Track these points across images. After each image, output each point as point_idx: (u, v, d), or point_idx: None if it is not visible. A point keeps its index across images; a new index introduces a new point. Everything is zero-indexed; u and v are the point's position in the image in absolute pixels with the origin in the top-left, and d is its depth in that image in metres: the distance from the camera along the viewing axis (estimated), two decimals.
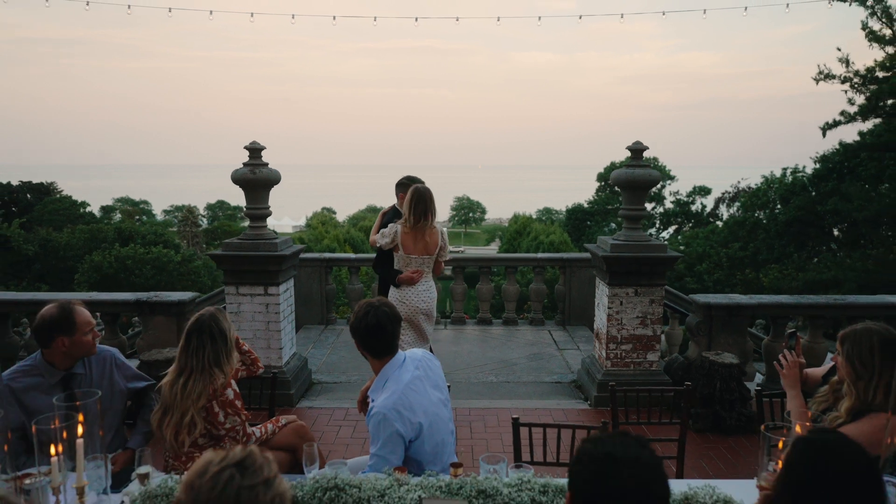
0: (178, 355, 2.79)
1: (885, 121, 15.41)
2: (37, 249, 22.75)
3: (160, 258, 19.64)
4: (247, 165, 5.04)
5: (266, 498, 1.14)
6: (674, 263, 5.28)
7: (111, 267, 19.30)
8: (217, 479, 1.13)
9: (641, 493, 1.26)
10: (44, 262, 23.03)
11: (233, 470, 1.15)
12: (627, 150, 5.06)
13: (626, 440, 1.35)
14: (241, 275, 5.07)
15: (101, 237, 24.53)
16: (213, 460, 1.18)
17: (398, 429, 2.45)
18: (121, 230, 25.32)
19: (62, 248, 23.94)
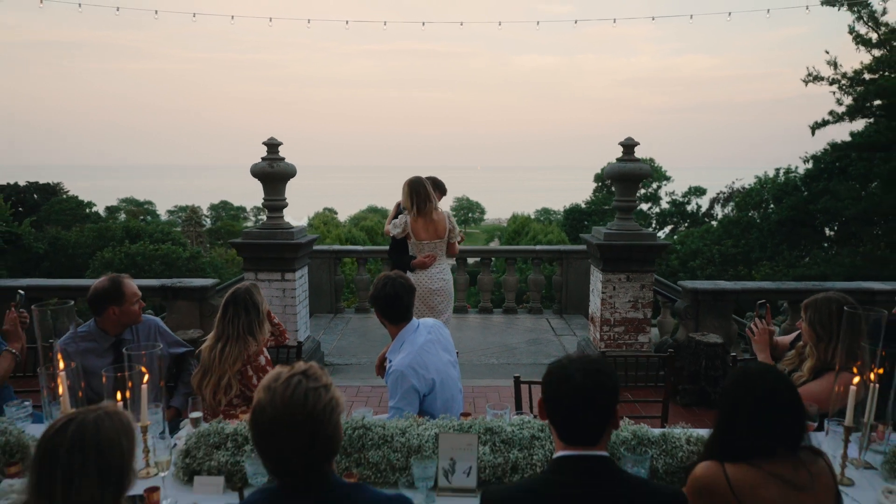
0: (216, 324, 3.10)
1: (874, 121, 15.76)
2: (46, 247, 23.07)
3: (169, 255, 20.02)
4: (265, 160, 5.35)
5: (325, 398, 1.45)
6: (662, 251, 5.59)
7: (121, 263, 19.62)
8: (289, 382, 1.44)
9: (594, 391, 1.57)
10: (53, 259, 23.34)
11: (300, 376, 1.45)
12: (619, 145, 5.38)
13: (584, 355, 1.67)
14: (259, 262, 5.37)
15: (108, 235, 24.85)
16: (283, 370, 1.48)
17: (414, 384, 2.77)
18: (128, 229, 25.68)
19: (71, 247, 24.25)
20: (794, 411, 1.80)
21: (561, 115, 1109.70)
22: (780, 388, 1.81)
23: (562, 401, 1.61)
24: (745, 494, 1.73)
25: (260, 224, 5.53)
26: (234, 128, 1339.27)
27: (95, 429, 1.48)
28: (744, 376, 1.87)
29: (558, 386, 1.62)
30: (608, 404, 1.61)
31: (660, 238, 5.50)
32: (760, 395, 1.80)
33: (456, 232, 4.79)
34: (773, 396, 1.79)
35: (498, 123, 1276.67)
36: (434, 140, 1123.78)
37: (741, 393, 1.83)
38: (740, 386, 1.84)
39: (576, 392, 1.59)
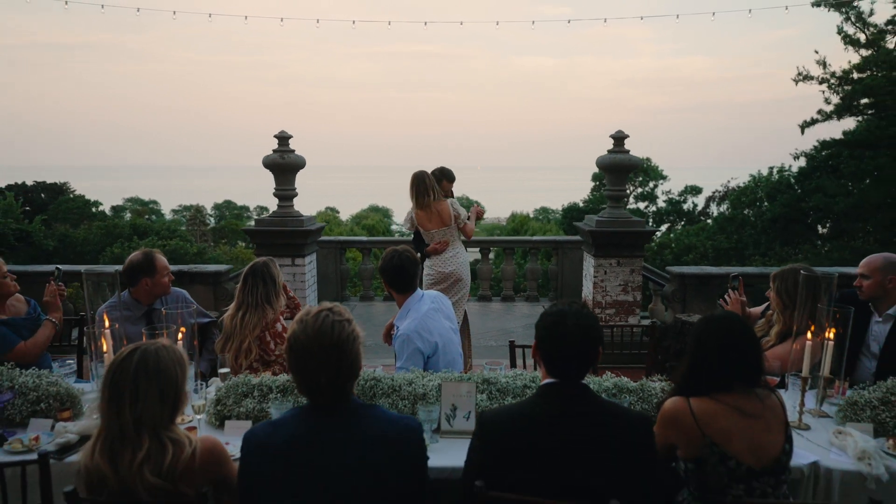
0: (236, 294, 3.37)
1: (865, 120, 16.03)
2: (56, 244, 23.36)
3: (177, 250, 20.30)
4: (276, 151, 5.62)
5: (348, 329, 1.71)
6: (650, 237, 5.87)
7: None
8: (318, 316, 1.70)
9: (583, 337, 1.83)
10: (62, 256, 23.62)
11: (328, 311, 1.72)
12: (611, 137, 5.64)
13: (573, 304, 1.93)
14: (271, 247, 5.64)
15: (116, 233, 25.14)
16: (312, 307, 1.75)
17: (418, 346, 3.03)
18: (135, 226, 25.99)
19: (79, 244, 24.53)
20: (752, 351, 2.07)
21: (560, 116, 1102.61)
22: (740, 331, 2.08)
23: (554, 341, 1.87)
24: (706, 422, 1.99)
25: (272, 212, 5.80)
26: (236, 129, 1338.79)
27: (156, 357, 1.76)
28: (711, 321, 2.13)
29: (552, 328, 1.88)
30: (592, 346, 1.87)
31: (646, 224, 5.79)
32: (724, 336, 2.06)
33: (462, 217, 4.95)
34: (734, 338, 2.06)
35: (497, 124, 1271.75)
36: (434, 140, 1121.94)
37: (708, 335, 2.09)
38: (707, 329, 2.11)
39: (566, 334, 1.85)
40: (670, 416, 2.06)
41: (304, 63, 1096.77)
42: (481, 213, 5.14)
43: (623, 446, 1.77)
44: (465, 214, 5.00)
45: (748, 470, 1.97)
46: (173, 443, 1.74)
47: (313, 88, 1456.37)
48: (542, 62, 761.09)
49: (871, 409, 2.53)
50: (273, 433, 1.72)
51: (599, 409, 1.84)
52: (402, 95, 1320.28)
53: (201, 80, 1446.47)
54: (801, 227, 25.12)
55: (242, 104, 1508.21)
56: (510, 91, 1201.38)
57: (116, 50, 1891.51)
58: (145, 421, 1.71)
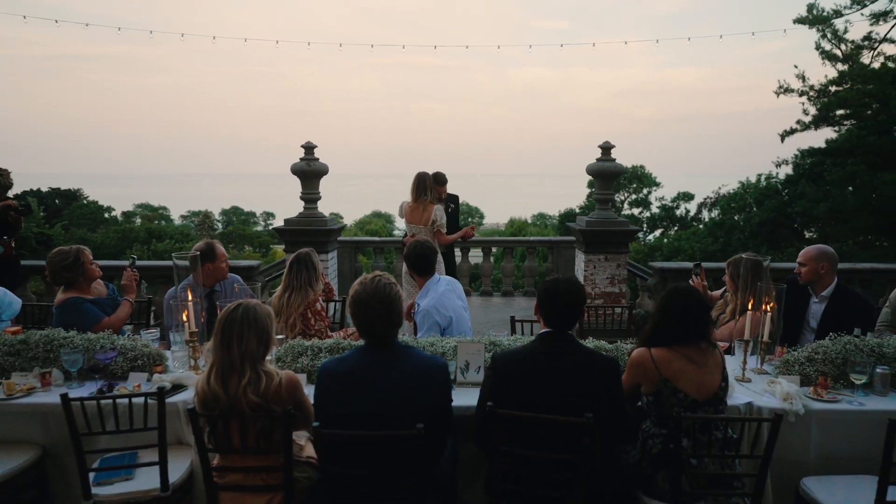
0: (284, 278, 3.96)
1: (846, 129, 16.65)
2: None
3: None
4: (303, 160, 6.22)
5: (395, 290, 2.31)
6: (633, 235, 6.45)
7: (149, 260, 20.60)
8: (373, 279, 2.30)
9: (571, 298, 2.42)
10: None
11: (379, 276, 2.32)
12: (599, 147, 6.24)
13: (567, 277, 2.52)
14: (297, 244, 6.18)
15: (132, 237, 25.75)
16: (368, 274, 2.35)
17: (436, 319, 3.62)
18: (151, 230, 26.61)
19: (97, 248, 25.12)
20: (702, 315, 2.65)
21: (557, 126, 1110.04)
22: (694, 300, 2.67)
23: (550, 299, 2.47)
24: (662, 365, 2.58)
25: (298, 214, 6.39)
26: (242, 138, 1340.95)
27: (254, 311, 2.35)
28: (673, 292, 2.72)
29: (549, 290, 2.48)
30: (577, 305, 2.47)
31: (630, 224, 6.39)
32: (681, 302, 2.65)
33: (439, 223, 5.44)
34: (689, 304, 2.64)
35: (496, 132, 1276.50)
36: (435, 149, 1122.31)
37: (670, 301, 2.68)
38: (670, 297, 2.69)
39: (558, 294, 2.44)
40: (636, 360, 2.65)
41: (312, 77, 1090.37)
42: (469, 234, 5.65)
43: (595, 375, 2.36)
44: (440, 223, 5.45)
45: (693, 401, 2.55)
46: (266, 374, 2.33)
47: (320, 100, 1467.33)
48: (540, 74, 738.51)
49: (799, 366, 3.12)
50: (339, 364, 2.31)
51: (580, 350, 2.44)
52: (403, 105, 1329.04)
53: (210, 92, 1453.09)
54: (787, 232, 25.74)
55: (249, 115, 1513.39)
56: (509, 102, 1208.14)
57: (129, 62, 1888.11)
58: (247, 356, 2.30)
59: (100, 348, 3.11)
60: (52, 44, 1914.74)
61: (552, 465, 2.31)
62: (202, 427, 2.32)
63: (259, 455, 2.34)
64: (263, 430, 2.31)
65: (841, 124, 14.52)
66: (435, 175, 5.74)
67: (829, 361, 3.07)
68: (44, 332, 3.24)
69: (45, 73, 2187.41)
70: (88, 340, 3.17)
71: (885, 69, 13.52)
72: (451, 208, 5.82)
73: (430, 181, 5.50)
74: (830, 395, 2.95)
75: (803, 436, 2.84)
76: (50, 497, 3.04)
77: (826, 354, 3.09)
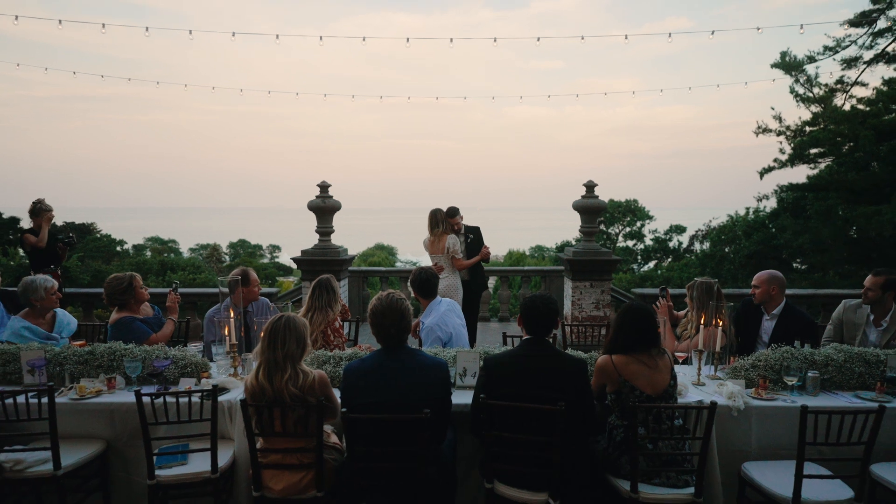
0: (307, 299, 4.50)
1: (828, 166, 17.39)
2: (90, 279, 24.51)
3: (206, 283, 21.50)
4: (318, 197, 6.82)
5: (405, 304, 2.85)
6: (616, 264, 7.00)
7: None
8: (388, 295, 2.85)
9: (546, 310, 2.96)
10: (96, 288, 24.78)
11: (392, 293, 2.86)
12: (583, 186, 6.85)
13: (542, 294, 3.07)
14: (314, 273, 6.75)
15: (145, 269, 26.33)
16: (383, 292, 2.89)
17: (439, 334, 4.15)
18: (164, 262, 27.24)
19: None
20: (651, 327, 3.18)
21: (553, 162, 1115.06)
22: (644, 313, 3.20)
23: (530, 313, 3.01)
24: (621, 369, 3.09)
25: (314, 245, 6.96)
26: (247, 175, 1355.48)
27: (294, 320, 2.89)
28: (628, 309, 3.26)
29: (529, 305, 3.02)
30: (552, 317, 3.00)
31: (613, 254, 6.94)
32: (634, 318, 3.18)
33: (452, 251, 6.13)
34: (641, 319, 3.17)
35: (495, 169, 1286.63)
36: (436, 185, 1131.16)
37: (625, 316, 3.21)
38: (625, 312, 3.23)
39: (537, 308, 2.98)
40: (600, 365, 3.17)
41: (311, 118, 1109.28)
42: (486, 254, 6.29)
43: (567, 373, 2.88)
44: (453, 250, 6.13)
45: (647, 396, 3.06)
46: (303, 371, 2.86)
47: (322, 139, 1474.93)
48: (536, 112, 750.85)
49: (745, 371, 3.63)
50: (361, 364, 2.84)
51: (555, 353, 2.97)
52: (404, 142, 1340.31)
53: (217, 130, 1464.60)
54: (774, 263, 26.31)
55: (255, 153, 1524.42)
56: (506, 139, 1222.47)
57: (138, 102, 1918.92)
58: (288, 356, 2.83)
59: (156, 357, 3.64)
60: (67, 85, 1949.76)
61: (534, 446, 2.82)
62: (251, 415, 2.84)
63: (296, 438, 2.85)
64: (300, 418, 2.83)
65: (815, 162, 15.24)
66: (447, 210, 6.34)
67: (769, 367, 3.58)
68: (107, 345, 3.77)
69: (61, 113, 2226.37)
70: (145, 351, 3.70)
71: (855, 111, 14.29)
72: (471, 238, 6.39)
73: (442, 215, 6.13)
74: (769, 394, 3.46)
75: (745, 428, 3.34)
76: (111, 484, 3.52)
77: (766, 362, 3.60)
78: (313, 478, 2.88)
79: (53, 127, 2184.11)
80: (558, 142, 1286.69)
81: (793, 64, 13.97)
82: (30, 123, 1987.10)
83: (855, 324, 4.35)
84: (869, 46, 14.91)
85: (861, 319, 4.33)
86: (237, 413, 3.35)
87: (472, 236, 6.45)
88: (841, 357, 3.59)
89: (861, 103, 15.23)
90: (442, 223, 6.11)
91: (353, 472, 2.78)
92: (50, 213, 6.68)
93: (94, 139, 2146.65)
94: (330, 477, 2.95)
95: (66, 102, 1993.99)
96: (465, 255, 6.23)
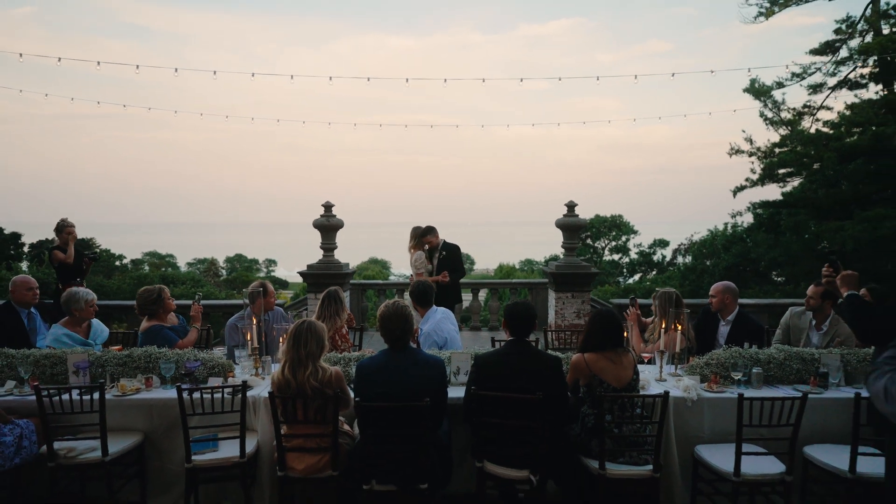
0: (317, 309, 4.95)
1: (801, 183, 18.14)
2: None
3: (209, 296, 21.85)
4: (323, 216, 7.30)
5: (408, 310, 3.32)
6: (595, 277, 7.51)
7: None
8: (394, 302, 3.31)
9: (526, 314, 3.44)
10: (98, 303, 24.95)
11: (398, 300, 3.33)
12: (565, 205, 7.37)
13: (523, 301, 3.55)
14: (320, 286, 7.22)
15: (146, 282, 26.64)
16: (390, 300, 3.36)
17: (435, 339, 4.60)
18: (164, 277, 27.48)
19: (113, 293, 25.89)
20: (617, 328, 3.66)
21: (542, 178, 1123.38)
22: (611, 319, 3.68)
23: (512, 318, 3.48)
24: (592, 365, 3.56)
25: (318, 260, 7.42)
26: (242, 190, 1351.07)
27: (314, 324, 3.35)
28: (598, 313, 3.74)
29: (511, 312, 3.49)
30: (531, 319, 3.48)
31: (591, 267, 7.42)
32: (603, 320, 3.66)
33: (413, 265, 6.69)
34: (608, 322, 3.66)
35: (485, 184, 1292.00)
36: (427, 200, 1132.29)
37: (595, 320, 3.69)
38: (595, 317, 3.71)
39: (518, 313, 3.46)
40: (574, 363, 3.64)
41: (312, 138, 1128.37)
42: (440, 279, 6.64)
43: (544, 369, 3.35)
44: (414, 264, 6.67)
45: (614, 388, 3.53)
46: (322, 368, 3.31)
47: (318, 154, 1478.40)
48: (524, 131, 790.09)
49: (700, 368, 4.12)
50: (371, 360, 3.30)
51: (535, 352, 3.44)
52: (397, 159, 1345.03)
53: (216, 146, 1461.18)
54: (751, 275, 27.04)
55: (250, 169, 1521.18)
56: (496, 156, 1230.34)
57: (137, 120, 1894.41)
58: (310, 355, 3.28)
59: (187, 359, 4.07)
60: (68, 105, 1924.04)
61: (517, 430, 3.27)
62: (277, 405, 3.28)
63: (315, 425, 3.29)
64: (319, 407, 3.27)
65: (784, 181, 15.94)
66: (425, 228, 6.80)
67: (720, 365, 4.07)
68: (143, 349, 4.19)
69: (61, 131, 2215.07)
70: (178, 354, 4.13)
71: (820, 134, 15.02)
72: (443, 255, 6.81)
73: (417, 232, 6.63)
74: (719, 388, 3.94)
75: (699, 417, 3.81)
76: (147, 472, 3.93)
77: (718, 360, 4.09)
78: (330, 459, 3.31)
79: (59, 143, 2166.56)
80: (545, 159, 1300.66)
81: (761, 90, 14.71)
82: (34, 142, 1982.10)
83: (800, 328, 4.86)
84: (832, 73, 15.71)
85: (805, 324, 4.84)
86: (260, 407, 3.78)
87: (445, 253, 6.79)
88: (781, 356, 4.09)
89: (826, 126, 15.99)
90: (413, 239, 6.60)
91: (365, 453, 3.22)
92: (71, 228, 7.06)
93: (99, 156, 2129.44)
94: (344, 458, 3.39)
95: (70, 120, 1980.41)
96: (435, 270, 6.66)
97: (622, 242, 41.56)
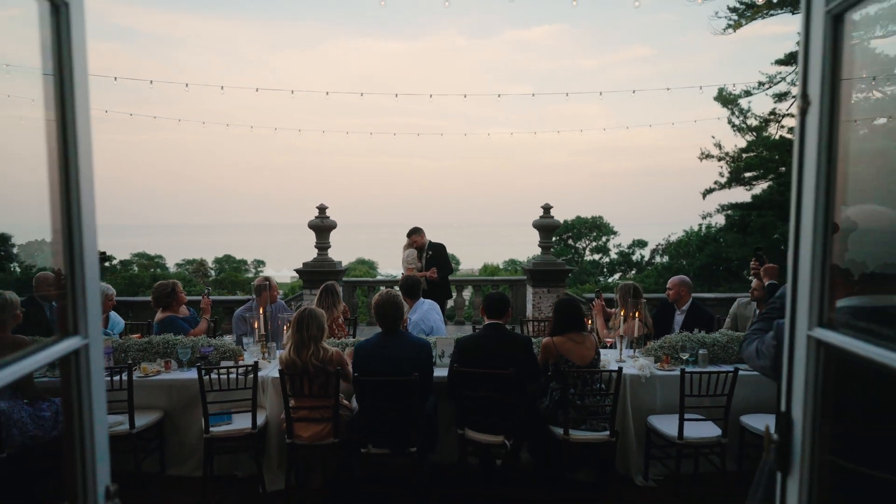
0: (315, 301, 5.39)
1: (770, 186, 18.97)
2: None
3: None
4: (318, 217, 7.73)
5: (399, 298, 3.79)
6: (568, 273, 8.03)
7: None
8: (387, 291, 3.78)
9: (500, 301, 3.93)
10: None
11: (390, 289, 3.80)
12: (541, 207, 7.88)
13: (498, 291, 4.04)
14: (315, 283, 7.66)
15: (138, 282, 26.70)
16: (382, 289, 3.82)
17: (422, 328, 5.07)
18: (155, 277, 27.65)
19: None
20: (578, 312, 4.16)
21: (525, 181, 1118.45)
22: (573, 304, 4.19)
23: (488, 303, 3.97)
24: (559, 346, 4.06)
25: (313, 259, 7.85)
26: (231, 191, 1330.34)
27: (315, 311, 3.80)
28: (561, 301, 4.24)
29: (487, 300, 3.98)
30: (505, 306, 3.97)
31: (565, 264, 7.92)
32: (565, 306, 4.16)
33: (403, 261, 7.15)
34: (570, 307, 4.16)
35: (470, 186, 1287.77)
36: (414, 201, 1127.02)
37: (560, 306, 4.19)
38: (559, 304, 4.21)
39: (492, 300, 3.95)
40: (544, 345, 4.14)
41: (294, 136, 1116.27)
42: (429, 275, 7.13)
43: (516, 347, 3.85)
44: (405, 261, 7.15)
45: (577, 366, 4.03)
46: (323, 348, 3.76)
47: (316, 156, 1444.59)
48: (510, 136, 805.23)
49: (654, 351, 4.64)
50: (367, 342, 3.76)
51: (509, 333, 3.93)
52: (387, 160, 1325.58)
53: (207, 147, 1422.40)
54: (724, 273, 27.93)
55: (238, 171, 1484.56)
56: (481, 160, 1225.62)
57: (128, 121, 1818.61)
58: (312, 337, 3.73)
59: (202, 345, 4.50)
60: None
61: (493, 401, 3.76)
62: (286, 381, 3.73)
63: (319, 398, 3.75)
64: (322, 383, 3.73)
65: (751, 184, 16.69)
66: (412, 228, 7.28)
67: (672, 347, 4.60)
68: (161, 337, 4.61)
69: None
70: (193, 341, 4.56)
71: (784, 140, 15.76)
72: (430, 254, 7.27)
73: (409, 233, 7.10)
74: (670, 367, 4.46)
75: (652, 392, 4.33)
76: (166, 446, 4.35)
77: (670, 343, 4.62)
78: (332, 428, 3.77)
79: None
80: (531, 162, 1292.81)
81: (728, 99, 15.39)
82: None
83: (745, 316, 5.41)
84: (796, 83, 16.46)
85: (749, 313, 5.39)
86: (269, 386, 4.23)
87: (432, 252, 7.24)
88: (724, 339, 4.63)
89: (790, 133, 16.75)
90: (407, 238, 7.10)
91: (363, 422, 3.69)
92: None
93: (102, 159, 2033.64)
94: (344, 428, 3.85)
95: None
96: (424, 268, 7.15)
97: (602, 243, 42.39)
